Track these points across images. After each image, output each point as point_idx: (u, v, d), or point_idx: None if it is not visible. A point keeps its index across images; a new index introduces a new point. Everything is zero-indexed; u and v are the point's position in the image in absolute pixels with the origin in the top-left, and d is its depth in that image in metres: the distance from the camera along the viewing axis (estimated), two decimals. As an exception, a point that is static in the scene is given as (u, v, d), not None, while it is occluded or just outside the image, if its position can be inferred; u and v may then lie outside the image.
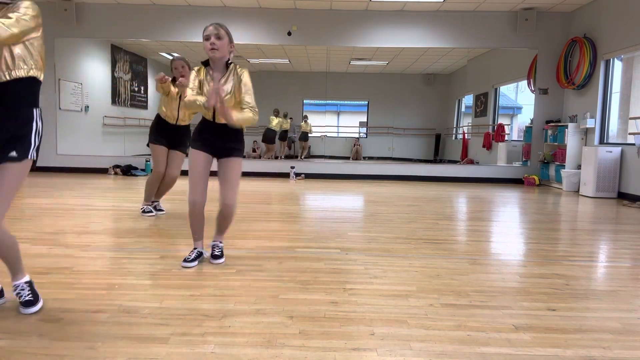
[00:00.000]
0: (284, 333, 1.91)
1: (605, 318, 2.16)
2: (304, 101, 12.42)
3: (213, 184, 2.82)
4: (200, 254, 2.91)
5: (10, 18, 1.83)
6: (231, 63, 2.80)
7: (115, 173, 8.50)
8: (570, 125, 7.70)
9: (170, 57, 11.23)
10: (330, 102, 12.81)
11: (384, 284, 2.57)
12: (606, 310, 2.27)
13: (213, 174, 2.80)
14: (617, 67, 7.26)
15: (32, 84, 1.99)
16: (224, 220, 2.93)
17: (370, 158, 12.55)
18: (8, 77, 1.90)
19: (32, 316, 2.01)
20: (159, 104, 4.60)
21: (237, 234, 3.72)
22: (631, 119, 6.69)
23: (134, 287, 2.43)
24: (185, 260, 2.83)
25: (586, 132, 7.65)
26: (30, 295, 2.09)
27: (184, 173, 3.59)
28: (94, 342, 1.79)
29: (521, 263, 3.13)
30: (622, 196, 6.72)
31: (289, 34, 8.50)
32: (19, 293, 2.09)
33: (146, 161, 8.75)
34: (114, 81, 10.07)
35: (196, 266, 2.82)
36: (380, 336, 1.90)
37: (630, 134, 6.65)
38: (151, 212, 4.49)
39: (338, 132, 13.48)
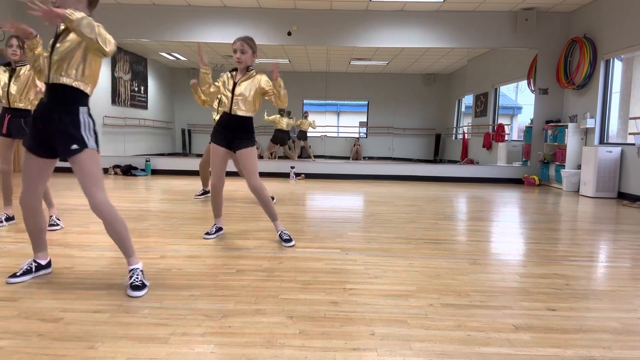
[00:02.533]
0: (284, 333, 1.91)
1: (605, 318, 2.16)
2: (304, 101, 12.41)
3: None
4: (220, 229, 3.62)
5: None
6: (252, 69, 3.45)
7: (115, 173, 8.50)
8: (570, 125, 7.70)
9: (171, 58, 11.26)
10: (330, 102, 12.80)
11: (384, 284, 2.57)
12: (606, 310, 2.27)
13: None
14: (617, 67, 7.26)
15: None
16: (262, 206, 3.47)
17: (370, 158, 12.55)
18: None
19: (32, 316, 2.01)
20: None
21: (237, 234, 3.72)
22: (631, 119, 6.69)
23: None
24: (206, 233, 3.54)
25: (586, 132, 7.65)
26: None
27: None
28: (94, 342, 1.79)
29: (521, 263, 3.13)
30: (622, 196, 6.72)
31: (289, 34, 8.50)
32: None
33: (146, 161, 8.76)
34: (114, 81, 10.06)
35: (196, 266, 2.82)
36: (380, 336, 1.90)
37: (630, 134, 6.65)
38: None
39: (338, 132, 13.47)
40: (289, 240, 3.42)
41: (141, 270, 2.43)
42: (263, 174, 8.76)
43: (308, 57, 10.49)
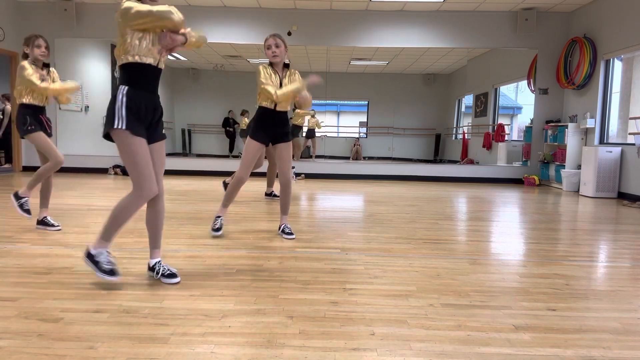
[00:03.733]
0: (284, 333, 1.91)
1: (605, 318, 2.16)
2: (304, 101, 12.40)
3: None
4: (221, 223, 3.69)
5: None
6: (289, 66, 3.61)
7: (116, 173, 8.50)
8: (570, 125, 7.70)
9: (171, 58, 11.25)
10: (330, 102, 12.81)
11: (384, 284, 2.57)
12: (606, 310, 2.27)
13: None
14: (617, 67, 7.26)
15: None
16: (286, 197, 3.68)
17: (370, 158, 12.55)
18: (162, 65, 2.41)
19: (32, 316, 2.01)
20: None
21: (237, 234, 3.72)
22: (631, 119, 6.69)
23: (134, 287, 2.43)
24: (215, 230, 3.61)
25: (586, 132, 7.65)
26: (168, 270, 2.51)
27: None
28: (94, 342, 1.79)
29: (521, 263, 3.13)
30: (622, 196, 6.72)
31: (289, 34, 8.50)
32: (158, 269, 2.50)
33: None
34: (114, 81, 10.06)
35: (196, 266, 2.82)
36: (380, 336, 1.90)
37: (630, 134, 6.65)
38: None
39: (338, 132, 13.48)
40: (291, 233, 3.65)
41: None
42: (263, 174, 8.77)
43: (308, 57, 10.49)
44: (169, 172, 8.67)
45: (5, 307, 2.11)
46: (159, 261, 2.55)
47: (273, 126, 3.52)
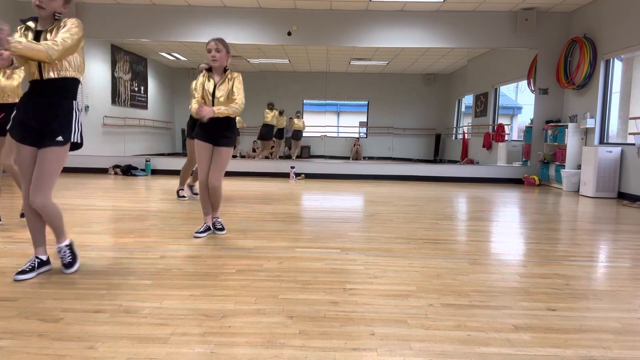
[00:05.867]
0: (284, 333, 1.91)
1: (605, 318, 2.16)
2: (304, 101, 12.42)
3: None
4: (209, 228, 3.71)
5: (55, 41, 2.30)
6: (227, 70, 3.53)
7: (115, 173, 8.50)
8: (570, 125, 7.70)
9: (171, 58, 11.26)
10: (330, 102, 12.80)
11: (384, 284, 2.57)
12: (606, 310, 2.27)
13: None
14: (617, 67, 7.26)
15: (75, 82, 2.51)
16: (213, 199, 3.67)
17: (370, 158, 12.55)
18: (57, 76, 2.41)
19: (32, 316, 2.01)
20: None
21: (237, 234, 3.72)
22: (631, 119, 6.69)
23: (134, 287, 2.43)
24: (197, 232, 3.62)
25: (586, 132, 7.65)
26: (70, 257, 2.64)
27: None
28: (94, 342, 1.79)
29: (521, 263, 3.13)
30: (622, 196, 6.72)
31: (289, 34, 8.49)
32: (62, 256, 2.63)
33: (146, 161, 8.75)
34: (114, 81, 10.06)
35: (196, 266, 2.82)
36: (380, 336, 1.90)
37: (630, 134, 6.65)
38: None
39: (338, 132, 13.47)
40: (222, 229, 3.73)
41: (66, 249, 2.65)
42: (263, 174, 8.78)
43: (308, 57, 10.49)
44: (169, 172, 8.67)
45: (5, 307, 2.11)
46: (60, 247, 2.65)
47: (209, 130, 3.50)
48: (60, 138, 2.42)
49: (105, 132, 9.76)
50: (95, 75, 9.73)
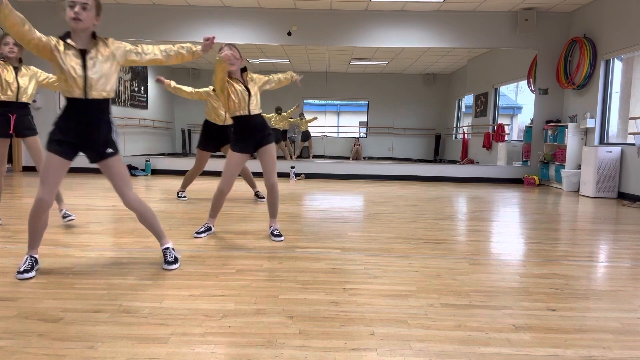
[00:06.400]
0: (284, 333, 1.91)
1: (605, 318, 2.16)
2: (304, 101, 12.41)
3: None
4: (209, 228, 3.70)
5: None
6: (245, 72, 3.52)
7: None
8: (570, 125, 7.70)
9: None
10: (330, 102, 12.79)
11: (384, 284, 2.57)
12: (606, 310, 2.27)
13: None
14: (617, 67, 7.26)
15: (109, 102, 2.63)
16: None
17: (370, 158, 12.54)
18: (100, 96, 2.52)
19: (32, 316, 2.01)
20: (206, 110, 5.50)
21: (237, 234, 3.72)
22: (631, 119, 6.69)
23: (134, 287, 2.43)
24: (197, 232, 3.63)
25: (586, 132, 7.65)
26: (172, 257, 2.80)
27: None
28: (94, 342, 1.79)
29: (521, 263, 3.13)
30: (622, 196, 6.72)
31: (289, 34, 8.49)
32: (166, 255, 2.80)
33: (146, 161, 8.75)
34: (117, 82, 10.06)
35: (196, 266, 2.82)
36: (380, 336, 1.90)
37: (630, 134, 6.65)
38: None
39: (338, 132, 13.47)
40: (280, 235, 3.61)
41: (173, 248, 2.85)
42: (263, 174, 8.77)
43: (308, 57, 10.49)
44: (170, 172, 8.68)
45: (5, 307, 2.11)
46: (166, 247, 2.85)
47: (251, 134, 3.48)
48: (110, 150, 2.60)
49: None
50: (95, 75, 9.72)
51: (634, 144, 6.47)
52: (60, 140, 2.48)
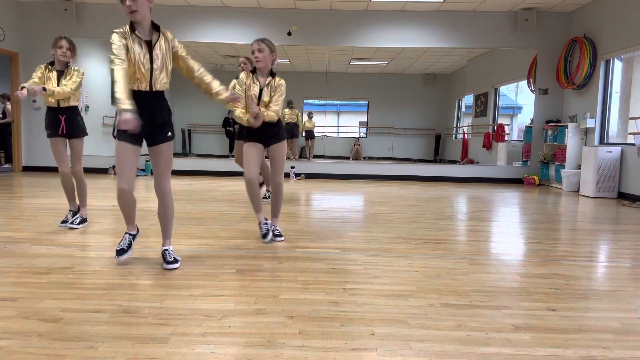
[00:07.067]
0: (284, 333, 1.91)
1: (605, 318, 2.16)
2: (304, 101, 12.41)
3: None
4: (267, 225, 3.56)
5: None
6: (275, 74, 3.40)
7: (115, 173, 8.49)
8: (570, 125, 7.70)
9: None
10: (330, 102, 12.79)
11: (384, 284, 2.57)
12: (606, 310, 2.27)
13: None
14: (617, 67, 7.26)
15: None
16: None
17: (370, 158, 12.54)
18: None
19: (32, 316, 2.01)
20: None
21: (237, 234, 3.72)
22: (631, 119, 6.69)
23: (134, 287, 2.43)
24: (264, 235, 3.49)
25: (586, 132, 7.65)
26: (172, 257, 2.81)
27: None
28: (94, 342, 1.79)
29: (521, 263, 3.13)
30: (622, 196, 6.72)
31: (289, 34, 8.49)
32: (166, 256, 2.80)
33: (146, 161, 8.75)
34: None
35: (196, 266, 2.82)
36: (380, 336, 1.90)
37: (630, 134, 6.65)
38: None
39: (338, 132, 13.47)
40: (280, 235, 3.58)
41: (172, 251, 2.86)
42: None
43: (308, 57, 10.49)
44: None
45: (5, 307, 2.11)
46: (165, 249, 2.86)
47: (262, 130, 3.38)
48: (170, 134, 2.76)
49: (106, 132, 9.75)
50: (95, 75, 9.73)
51: (634, 144, 6.47)
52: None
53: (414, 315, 2.12)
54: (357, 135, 13.11)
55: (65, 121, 3.77)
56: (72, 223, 3.81)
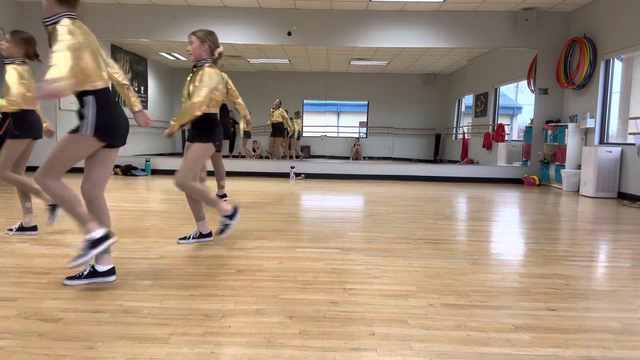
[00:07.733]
0: (284, 333, 1.91)
1: (605, 318, 2.16)
2: (304, 101, 12.42)
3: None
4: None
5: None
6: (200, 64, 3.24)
7: (115, 173, 8.50)
8: (570, 125, 7.70)
9: (171, 57, 11.25)
10: (330, 102, 12.79)
11: (384, 284, 2.57)
12: (606, 310, 2.27)
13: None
14: (617, 67, 7.26)
15: None
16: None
17: (370, 158, 12.55)
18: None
19: (32, 316, 2.01)
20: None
21: (237, 234, 3.72)
22: (631, 119, 6.69)
23: (134, 287, 2.43)
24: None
25: (586, 132, 7.65)
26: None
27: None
28: (94, 342, 1.79)
29: (521, 263, 3.13)
30: (622, 196, 6.72)
31: (289, 34, 8.50)
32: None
33: (146, 161, 8.76)
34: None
35: (196, 266, 2.82)
36: (380, 336, 1.90)
37: (630, 134, 6.65)
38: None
39: (338, 132, 13.47)
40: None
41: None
42: (263, 174, 8.78)
43: (308, 57, 10.49)
44: (169, 172, 8.67)
45: (5, 307, 2.11)
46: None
47: (191, 127, 3.47)
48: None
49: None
50: (95, 75, 9.72)
51: (634, 144, 6.47)
52: None
53: (414, 315, 2.12)
54: (357, 135, 13.11)
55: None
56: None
